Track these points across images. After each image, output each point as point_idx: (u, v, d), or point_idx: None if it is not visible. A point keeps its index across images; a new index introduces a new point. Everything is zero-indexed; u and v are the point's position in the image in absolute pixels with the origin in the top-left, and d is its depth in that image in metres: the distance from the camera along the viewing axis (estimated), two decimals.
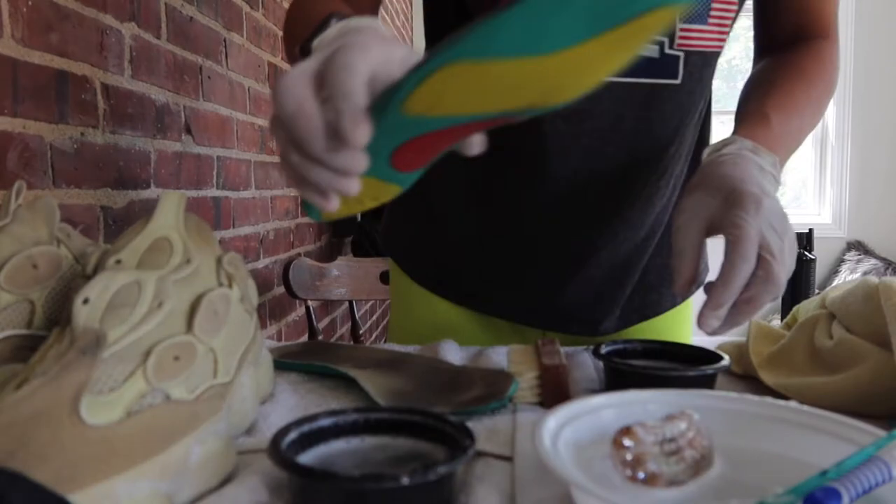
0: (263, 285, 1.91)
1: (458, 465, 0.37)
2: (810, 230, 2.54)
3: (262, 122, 1.91)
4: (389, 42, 0.46)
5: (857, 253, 4.33)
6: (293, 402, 0.56)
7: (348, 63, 0.41)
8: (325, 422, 0.42)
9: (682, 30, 0.71)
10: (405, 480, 0.34)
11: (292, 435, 0.39)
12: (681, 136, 0.78)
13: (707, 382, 0.57)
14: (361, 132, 0.40)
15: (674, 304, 0.87)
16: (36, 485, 0.30)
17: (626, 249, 0.81)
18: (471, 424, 0.49)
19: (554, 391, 0.56)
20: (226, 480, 0.41)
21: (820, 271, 4.12)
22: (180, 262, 0.44)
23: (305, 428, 0.41)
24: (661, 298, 0.86)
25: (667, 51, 0.72)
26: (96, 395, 0.37)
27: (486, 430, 0.49)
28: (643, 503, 0.36)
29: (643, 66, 0.72)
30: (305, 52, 0.52)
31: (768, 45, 0.82)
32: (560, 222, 0.79)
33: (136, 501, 0.35)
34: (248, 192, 1.80)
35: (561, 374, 0.56)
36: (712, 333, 0.55)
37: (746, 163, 0.60)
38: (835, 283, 2.91)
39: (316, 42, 0.52)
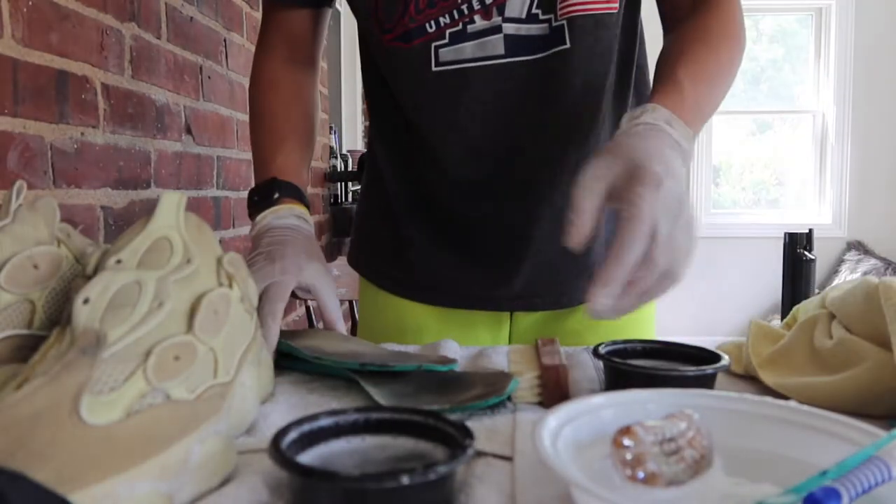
0: None
1: (458, 465, 0.37)
2: (810, 230, 2.53)
3: None
4: (306, 255, 0.72)
5: (857, 253, 4.33)
6: (293, 402, 0.56)
7: (273, 305, 0.67)
8: (326, 421, 0.41)
9: (560, 3, 0.76)
10: (405, 480, 0.34)
11: (292, 434, 0.39)
12: (595, 100, 0.81)
13: (707, 382, 0.57)
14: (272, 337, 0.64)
15: None
16: (36, 485, 0.30)
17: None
18: (471, 424, 0.49)
19: (554, 391, 0.56)
20: (226, 480, 0.41)
21: (820, 271, 4.12)
22: (180, 262, 0.44)
23: (306, 428, 0.41)
24: None
25: (554, 24, 0.77)
26: (96, 394, 0.37)
27: (486, 430, 0.49)
28: (643, 503, 0.37)
29: (537, 44, 0.77)
30: (249, 203, 0.81)
31: (671, 15, 0.82)
32: (492, 199, 0.84)
33: (137, 501, 0.35)
34: None
35: (561, 374, 0.56)
36: (601, 316, 0.53)
37: (659, 136, 0.60)
38: (835, 283, 2.91)
39: (261, 217, 0.78)
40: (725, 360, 0.58)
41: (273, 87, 0.89)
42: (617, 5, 0.77)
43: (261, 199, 0.79)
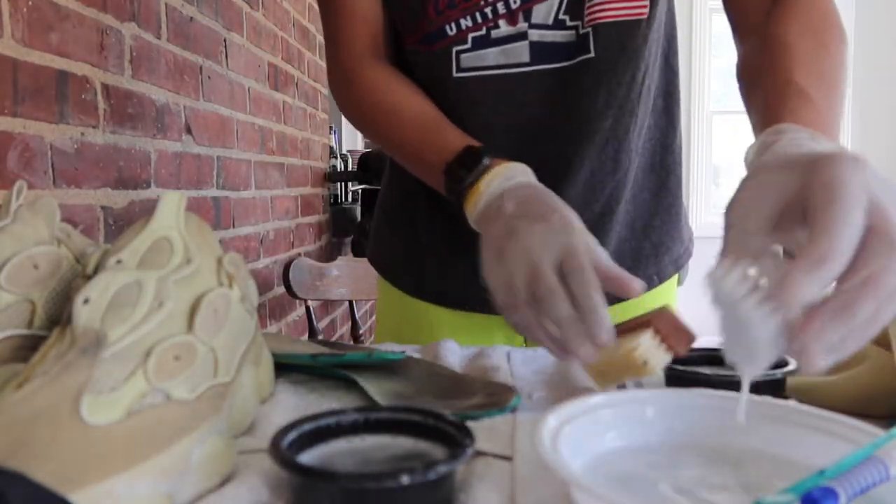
0: (263, 285, 1.92)
1: (457, 465, 0.37)
2: None
3: (262, 122, 1.91)
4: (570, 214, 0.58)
5: None
6: (293, 402, 0.56)
7: (585, 267, 0.52)
8: (326, 421, 0.42)
9: (588, 8, 0.73)
10: (405, 480, 0.34)
11: (293, 434, 0.40)
12: (621, 110, 0.78)
13: (779, 387, 0.54)
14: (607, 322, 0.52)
15: (650, 287, 0.87)
16: (36, 484, 0.30)
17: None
18: (471, 424, 0.49)
19: (675, 333, 0.52)
20: (226, 480, 0.41)
21: None
22: (181, 262, 0.44)
23: (306, 427, 0.41)
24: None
25: (581, 31, 0.75)
26: (97, 394, 0.37)
27: (486, 429, 0.49)
28: (643, 503, 0.37)
29: (563, 52, 0.75)
30: (455, 179, 0.66)
31: (743, 22, 0.73)
32: None
33: (137, 501, 0.35)
34: (248, 192, 1.80)
35: (667, 315, 0.52)
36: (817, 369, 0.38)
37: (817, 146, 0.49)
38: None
39: (485, 185, 0.63)
40: (793, 363, 0.54)
41: (392, 82, 0.79)
42: (646, 11, 0.74)
43: (467, 171, 0.65)
